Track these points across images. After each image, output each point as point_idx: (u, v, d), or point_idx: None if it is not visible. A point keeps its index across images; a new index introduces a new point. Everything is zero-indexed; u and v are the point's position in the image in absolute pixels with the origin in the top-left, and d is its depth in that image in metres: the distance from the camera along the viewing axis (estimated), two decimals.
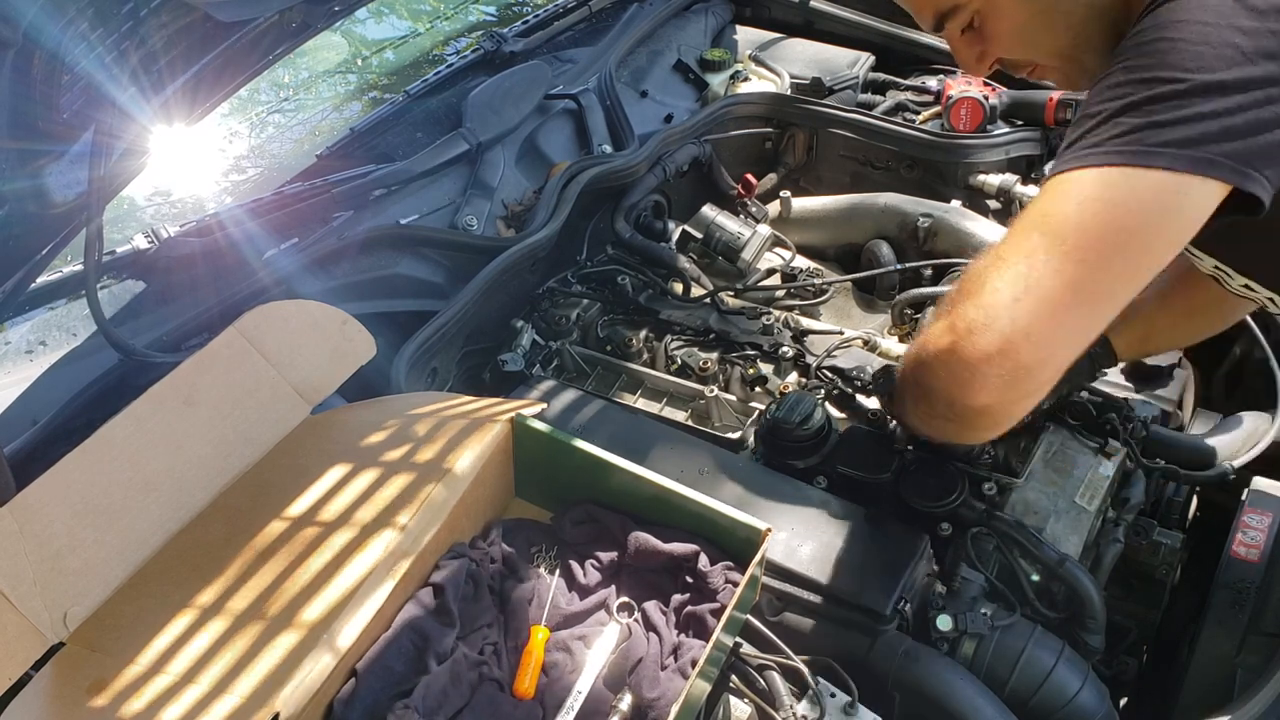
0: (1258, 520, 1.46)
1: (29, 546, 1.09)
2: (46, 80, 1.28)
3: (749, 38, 2.63)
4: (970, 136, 2.13)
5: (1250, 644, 1.33)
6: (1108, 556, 1.44)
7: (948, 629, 1.29)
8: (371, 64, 3.16)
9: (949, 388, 1.00)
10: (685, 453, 1.48)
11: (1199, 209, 0.92)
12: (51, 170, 1.39)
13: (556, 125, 2.22)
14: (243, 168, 2.67)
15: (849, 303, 2.05)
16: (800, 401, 1.51)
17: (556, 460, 1.23)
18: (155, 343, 1.60)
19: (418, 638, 1.05)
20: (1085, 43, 1.09)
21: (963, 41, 1.17)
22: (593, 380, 1.76)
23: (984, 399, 0.97)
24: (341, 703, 0.99)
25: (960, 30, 1.16)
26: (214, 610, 1.09)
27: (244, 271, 1.73)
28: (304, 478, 1.22)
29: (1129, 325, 1.45)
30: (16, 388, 1.55)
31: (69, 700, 1.03)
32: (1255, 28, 0.92)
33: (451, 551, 1.15)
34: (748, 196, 2.21)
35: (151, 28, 1.39)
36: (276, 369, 1.31)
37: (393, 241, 1.87)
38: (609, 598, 1.17)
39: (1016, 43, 1.15)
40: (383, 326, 1.61)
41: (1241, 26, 0.92)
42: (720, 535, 1.15)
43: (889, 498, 1.43)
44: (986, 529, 1.38)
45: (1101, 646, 1.35)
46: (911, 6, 1.18)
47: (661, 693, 1.05)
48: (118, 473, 1.17)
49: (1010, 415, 1.02)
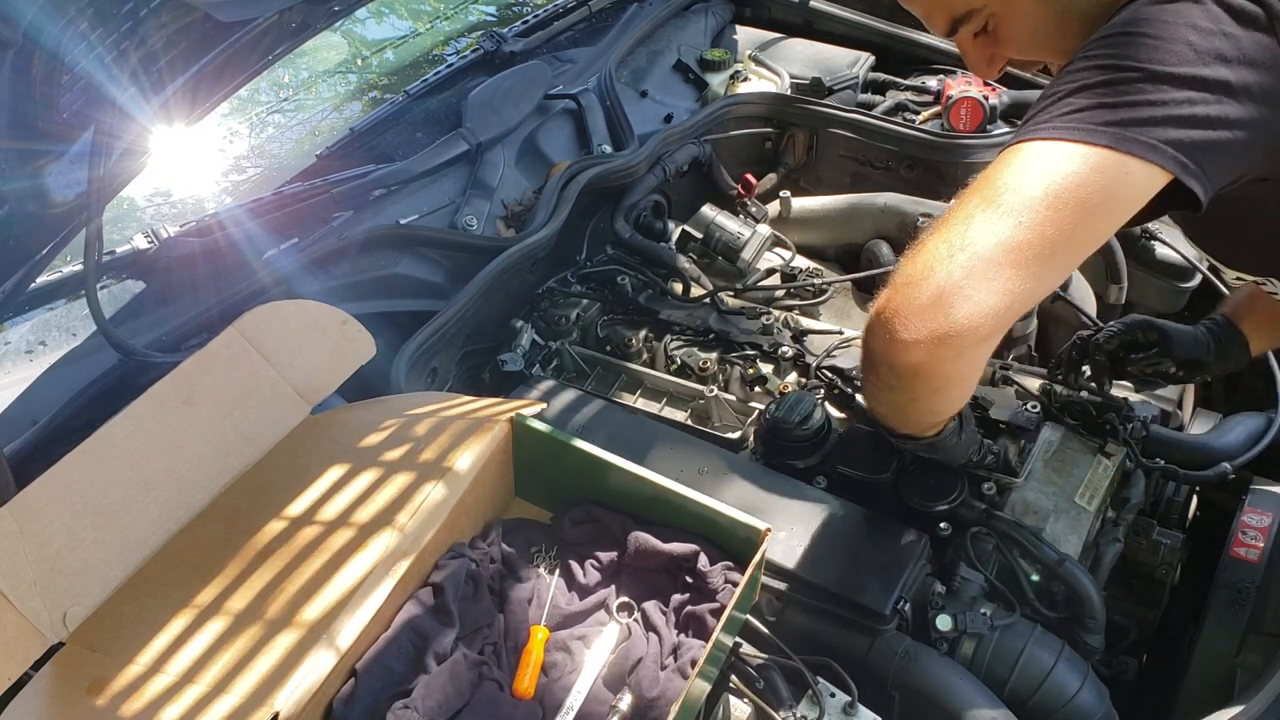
0: (1258, 520, 1.46)
1: (29, 546, 1.09)
2: (46, 80, 1.28)
3: (749, 38, 2.63)
4: (970, 136, 2.13)
5: (1250, 644, 1.33)
6: (1107, 556, 1.44)
7: (947, 629, 1.30)
8: (371, 64, 3.16)
9: (884, 348, 1.00)
10: (685, 453, 1.49)
11: (1137, 190, 0.94)
12: (51, 170, 1.39)
13: (556, 125, 2.23)
14: (243, 168, 2.67)
15: (849, 303, 2.04)
16: (800, 401, 1.51)
17: (556, 460, 1.23)
18: (155, 343, 1.60)
19: (417, 638, 1.05)
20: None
21: (974, 45, 1.17)
22: (592, 380, 1.76)
23: (915, 355, 0.97)
24: (341, 703, 0.99)
25: (973, 34, 1.15)
26: (214, 610, 1.09)
27: (244, 271, 1.73)
28: (304, 478, 1.23)
29: (1256, 313, 1.43)
30: (16, 388, 1.55)
31: (69, 700, 1.03)
32: (1210, 29, 0.93)
33: (451, 551, 1.15)
34: (748, 196, 2.21)
35: (151, 28, 1.39)
36: (276, 369, 1.31)
37: (393, 241, 1.87)
38: (609, 598, 1.17)
39: (1031, 45, 1.15)
40: (383, 326, 1.61)
41: (1198, 27, 0.93)
42: (720, 535, 1.15)
43: (889, 498, 1.43)
44: (986, 529, 1.38)
45: (1101, 646, 1.35)
46: (922, 11, 1.17)
47: (661, 692, 1.05)
48: (118, 473, 1.17)
49: (944, 377, 1.01)
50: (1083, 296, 1.85)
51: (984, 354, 1.01)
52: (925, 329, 0.96)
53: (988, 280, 0.94)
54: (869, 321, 1.04)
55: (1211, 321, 1.45)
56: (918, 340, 0.96)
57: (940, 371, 1.00)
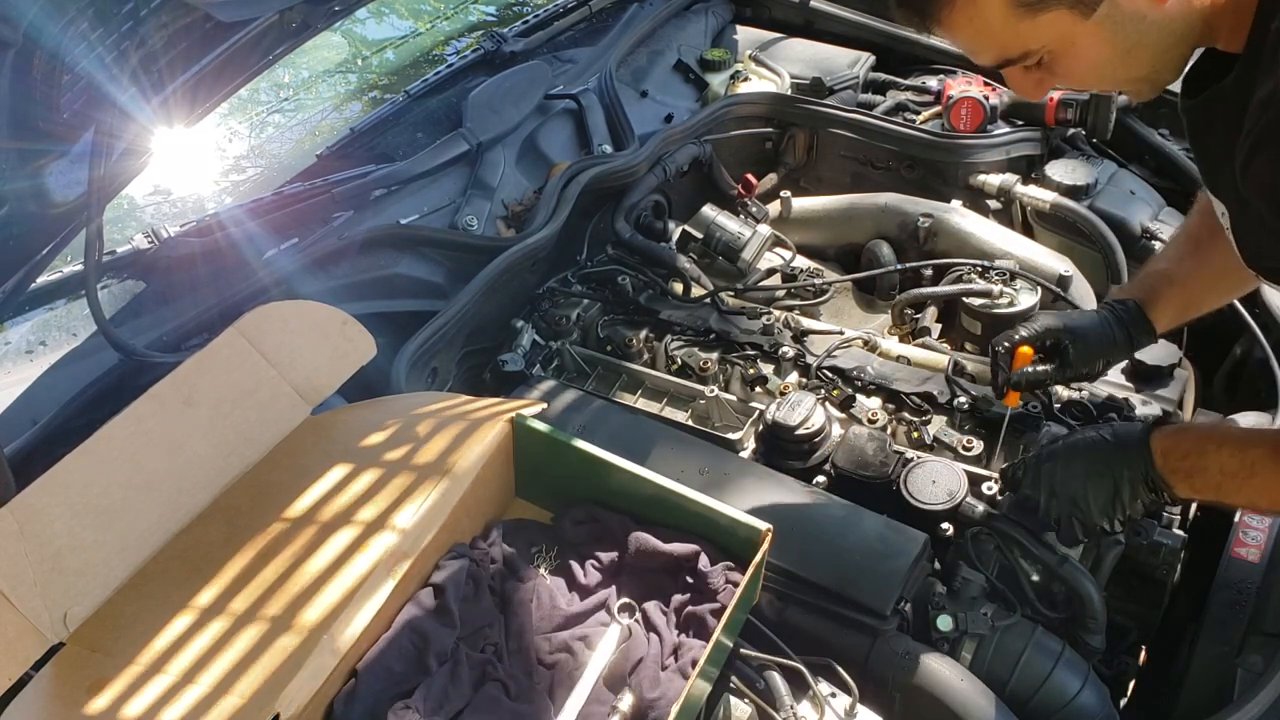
0: (1258, 520, 1.46)
1: (29, 546, 1.09)
2: (46, 80, 1.28)
3: (749, 38, 2.63)
4: (970, 136, 2.13)
5: (1250, 644, 1.33)
6: (1108, 557, 1.44)
7: (948, 629, 1.30)
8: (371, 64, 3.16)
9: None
10: (685, 453, 1.48)
11: None
12: (51, 170, 1.39)
13: (556, 125, 2.22)
14: (243, 168, 2.67)
15: (849, 303, 2.05)
16: (800, 402, 1.51)
17: (557, 460, 1.23)
18: (155, 343, 1.60)
19: (418, 638, 1.05)
20: (1165, 65, 1.04)
21: (1024, 75, 1.09)
22: (593, 380, 1.76)
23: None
24: (342, 703, 0.99)
25: (1024, 68, 1.08)
26: (214, 610, 1.09)
27: (244, 271, 1.73)
28: (304, 478, 1.22)
29: (1165, 296, 1.41)
30: (16, 388, 1.55)
31: (69, 700, 1.03)
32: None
33: (452, 552, 1.15)
34: (748, 196, 2.21)
35: (151, 28, 1.39)
36: (276, 369, 1.31)
37: (393, 241, 1.87)
38: (609, 598, 1.17)
39: (1090, 78, 1.09)
40: (383, 326, 1.61)
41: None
42: (720, 535, 1.15)
43: (889, 498, 1.43)
44: (987, 529, 1.38)
45: (1102, 647, 1.35)
46: (968, 48, 1.08)
47: (662, 693, 1.05)
48: (118, 473, 1.17)
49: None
50: (1083, 296, 1.86)
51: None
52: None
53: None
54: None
55: (1121, 308, 1.42)
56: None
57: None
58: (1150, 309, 1.41)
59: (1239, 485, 1.17)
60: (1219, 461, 1.18)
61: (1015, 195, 2.06)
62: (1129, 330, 1.41)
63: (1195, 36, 1.01)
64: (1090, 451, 1.28)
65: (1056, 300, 1.82)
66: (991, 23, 0.99)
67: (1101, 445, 1.28)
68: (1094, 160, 2.10)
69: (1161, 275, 1.42)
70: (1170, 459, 1.22)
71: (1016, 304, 1.76)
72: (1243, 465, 1.15)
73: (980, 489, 1.43)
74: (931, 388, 1.59)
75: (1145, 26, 0.98)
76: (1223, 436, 1.22)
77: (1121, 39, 0.99)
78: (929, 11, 1.01)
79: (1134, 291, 1.44)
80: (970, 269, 1.83)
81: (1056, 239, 2.02)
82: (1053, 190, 2.02)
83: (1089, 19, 0.97)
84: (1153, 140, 2.14)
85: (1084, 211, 1.96)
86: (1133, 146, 2.17)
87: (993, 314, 1.76)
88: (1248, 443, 1.18)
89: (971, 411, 1.55)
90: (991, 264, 1.82)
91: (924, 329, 1.85)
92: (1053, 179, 2.03)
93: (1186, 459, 1.21)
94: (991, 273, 1.81)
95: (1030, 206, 2.05)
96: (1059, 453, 1.31)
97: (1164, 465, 1.22)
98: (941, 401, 1.57)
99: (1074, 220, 1.97)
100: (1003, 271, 1.80)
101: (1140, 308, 1.40)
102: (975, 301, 1.78)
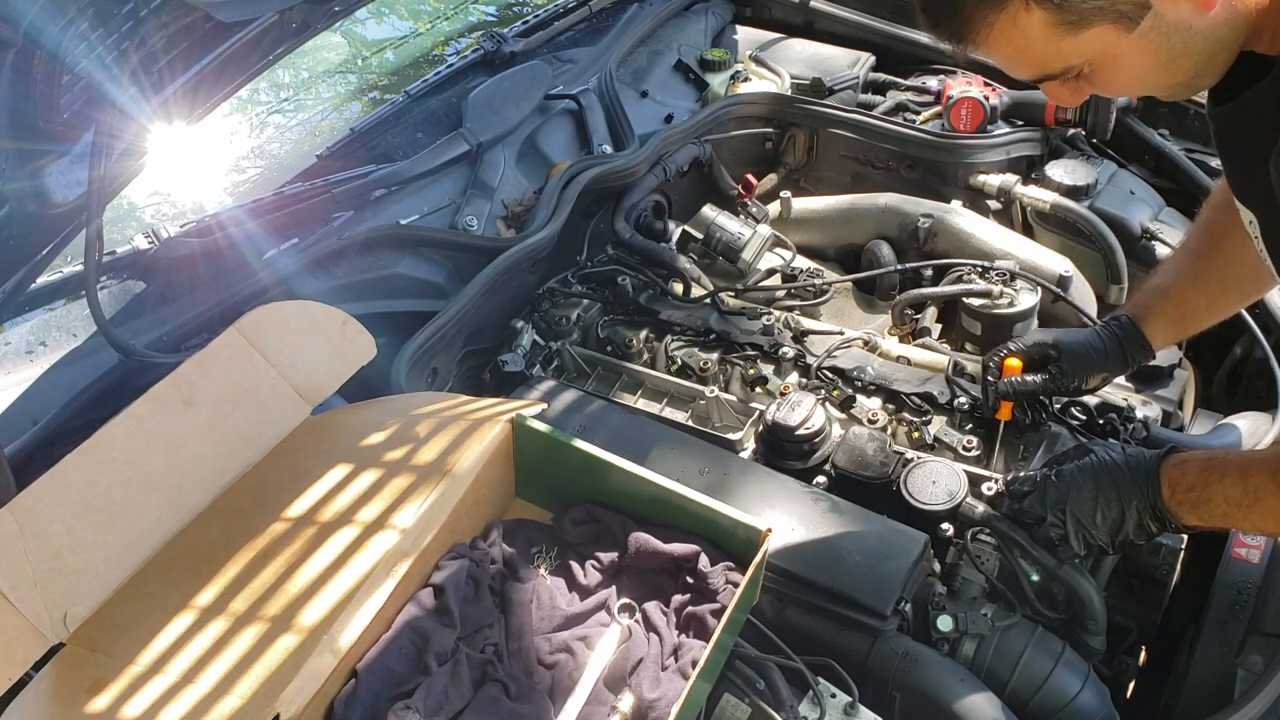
0: None
1: (29, 546, 1.09)
2: (46, 80, 1.28)
3: (749, 38, 2.63)
4: (970, 136, 2.13)
5: (1250, 644, 1.33)
6: (1107, 559, 1.44)
7: (948, 629, 1.30)
8: (371, 64, 3.16)
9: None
10: (685, 453, 1.48)
11: None
12: (51, 170, 1.39)
13: (556, 125, 2.22)
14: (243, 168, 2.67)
15: (849, 303, 2.05)
16: (800, 402, 1.51)
17: (557, 460, 1.23)
18: (155, 343, 1.60)
19: (418, 638, 1.05)
20: (1208, 70, 1.03)
21: (1062, 87, 1.08)
22: (593, 381, 1.76)
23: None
24: (342, 703, 0.99)
25: (1062, 80, 1.07)
26: (214, 611, 1.09)
27: (244, 272, 1.73)
28: (304, 478, 1.22)
29: (1162, 312, 1.42)
30: (16, 388, 1.55)
31: (69, 700, 1.03)
32: None
33: (452, 552, 1.14)
34: (748, 196, 2.21)
35: (151, 28, 1.39)
36: (276, 369, 1.31)
37: (393, 242, 1.87)
38: (609, 598, 1.17)
39: (1133, 87, 1.09)
40: (383, 326, 1.61)
41: None
42: (720, 535, 1.15)
43: (889, 498, 1.43)
44: (987, 529, 1.38)
45: (1102, 647, 1.35)
46: (1005, 64, 1.06)
47: (662, 693, 1.05)
48: (118, 473, 1.17)
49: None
50: (1083, 296, 1.86)
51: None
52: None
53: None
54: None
55: (1115, 324, 1.43)
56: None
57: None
58: (1145, 324, 1.41)
59: (1244, 513, 1.18)
60: (1223, 492, 1.18)
61: (1015, 195, 2.06)
62: (1122, 346, 1.41)
63: (1240, 41, 1.00)
64: (1101, 475, 1.28)
65: (1056, 301, 1.82)
66: (1032, 41, 0.98)
67: (1114, 471, 1.27)
68: (1094, 160, 2.10)
69: (1158, 291, 1.43)
70: (1177, 491, 1.22)
71: (1016, 304, 1.76)
72: (1246, 493, 1.16)
73: (980, 489, 1.43)
74: (932, 388, 1.59)
75: (1190, 36, 0.97)
76: (1224, 466, 1.21)
77: (1166, 50, 0.98)
78: (966, 34, 0.99)
79: (1130, 308, 1.45)
80: (970, 269, 1.83)
81: (1056, 239, 2.02)
82: (1053, 190, 2.02)
83: (1133, 32, 0.95)
84: (1153, 140, 2.14)
85: (1084, 212, 1.96)
86: (1133, 146, 2.17)
87: (993, 314, 1.76)
88: (1248, 470, 1.18)
89: (972, 412, 1.55)
90: (991, 264, 1.82)
91: (924, 329, 1.85)
92: (1053, 179, 2.03)
93: (1191, 491, 1.22)
94: (991, 273, 1.81)
95: (1030, 207, 2.05)
96: (1068, 474, 1.31)
97: (1170, 498, 1.22)
98: (942, 402, 1.57)
99: (1074, 220, 1.97)
100: (1003, 272, 1.80)
101: (1134, 323, 1.41)
102: (975, 302, 1.78)
